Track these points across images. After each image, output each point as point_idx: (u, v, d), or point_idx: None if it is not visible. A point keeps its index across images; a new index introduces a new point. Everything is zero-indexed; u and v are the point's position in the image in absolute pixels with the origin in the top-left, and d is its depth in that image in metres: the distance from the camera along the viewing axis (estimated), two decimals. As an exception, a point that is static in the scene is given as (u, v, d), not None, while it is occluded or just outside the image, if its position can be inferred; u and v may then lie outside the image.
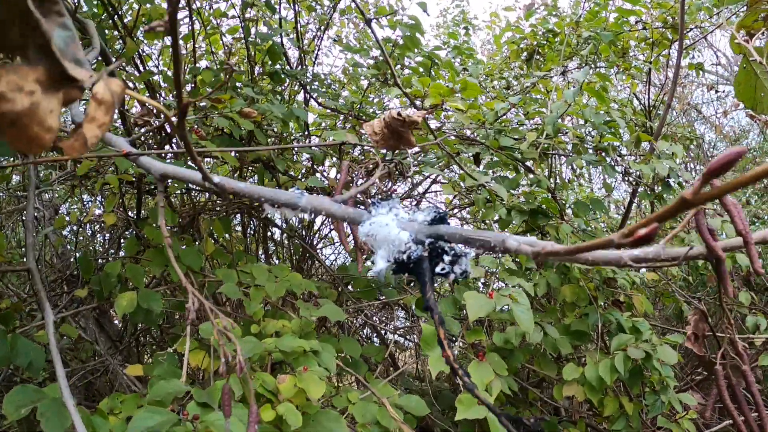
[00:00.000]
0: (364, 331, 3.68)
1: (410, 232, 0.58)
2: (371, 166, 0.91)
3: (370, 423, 1.52)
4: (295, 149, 2.46)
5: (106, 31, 2.49)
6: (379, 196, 0.93)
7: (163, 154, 1.72)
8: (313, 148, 2.19)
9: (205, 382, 1.74)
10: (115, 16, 2.52)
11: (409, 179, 3.25)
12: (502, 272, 1.74)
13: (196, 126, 1.79)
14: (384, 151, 1.05)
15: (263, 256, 3.24)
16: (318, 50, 3.42)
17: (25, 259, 2.46)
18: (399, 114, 0.94)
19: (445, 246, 0.57)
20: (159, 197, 0.78)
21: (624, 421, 1.96)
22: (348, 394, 1.66)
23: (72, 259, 3.12)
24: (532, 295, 2.66)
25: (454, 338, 1.77)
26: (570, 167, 3.59)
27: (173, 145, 2.30)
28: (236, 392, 1.26)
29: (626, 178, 2.63)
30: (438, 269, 0.57)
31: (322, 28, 3.32)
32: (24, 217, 2.32)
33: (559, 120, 2.61)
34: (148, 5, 2.56)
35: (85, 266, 2.11)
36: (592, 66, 3.19)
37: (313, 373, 1.35)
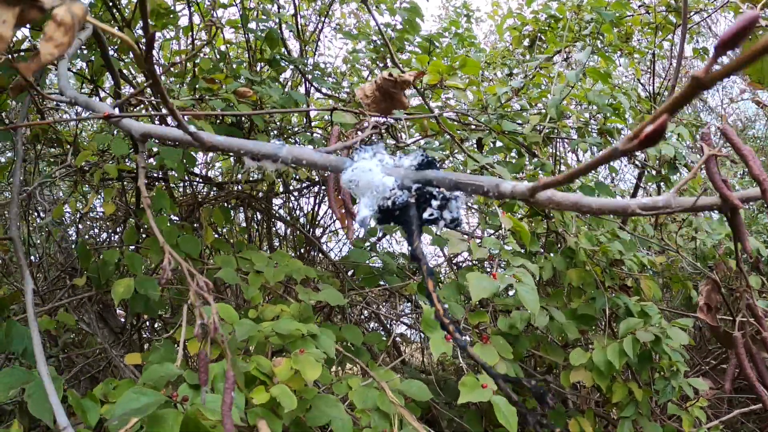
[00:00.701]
0: (370, 324, 3.64)
1: (396, 178, 0.53)
2: (362, 126, 0.87)
3: (371, 409, 1.47)
4: (299, 111, 2.41)
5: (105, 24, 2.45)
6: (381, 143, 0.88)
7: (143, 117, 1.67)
8: (314, 133, 2.14)
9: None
10: (114, 9, 2.48)
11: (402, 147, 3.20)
12: (505, 253, 1.68)
13: (193, 107, 1.74)
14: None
15: (268, 250, 3.20)
16: (318, 41, 3.38)
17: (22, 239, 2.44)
18: (390, 74, 0.89)
19: (434, 191, 0.52)
20: (139, 158, 0.74)
21: (633, 407, 1.90)
22: (348, 381, 1.61)
23: (75, 255, 3.08)
24: (537, 279, 2.61)
25: (457, 322, 1.72)
26: (574, 153, 3.52)
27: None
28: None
29: (631, 161, 2.57)
30: (426, 215, 0.52)
31: (323, 18, 3.28)
32: (10, 191, 2.30)
33: (563, 103, 2.55)
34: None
35: (84, 255, 2.07)
36: (595, 49, 3.13)
37: (309, 355, 1.30)
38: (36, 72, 0.43)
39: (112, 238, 3.14)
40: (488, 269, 2.80)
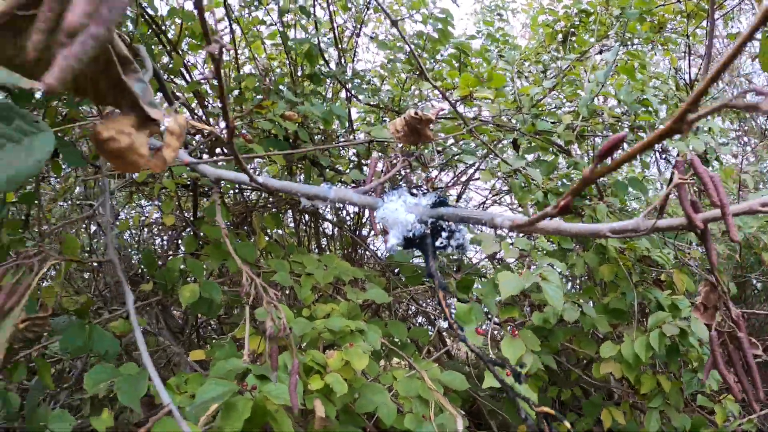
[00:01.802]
0: (417, 319, 3.85)
1: (416, 215, 0.73)
2: (394, 161, 1.06)
3: (413, 397, 1.68)
4: (339, 146, 2.63)
5: (153, 47, 2.71)
6: (404, 184, 1.08)
7: (216, 162, 1.92)
8: (353, 144, 2.35)
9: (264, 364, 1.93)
10: (160, 34, 2.74)
11: (452, 169, 3.39)
12: (534, 253, 1.86)
13: (243, 132, 1.97)
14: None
15: (316, 250, 3.44)
16: (356, 47, 3.59)
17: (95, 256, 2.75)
18: (416, 113, 1.09)
19: (444, 224, 0.72)
20: (214, 196, 0.96)
21: (661, 398, 2.04)
22: (393, 372, 1.82)
23: (134, 261, 3.39)
24: (572, 276, 2.75)
25: (491, 316, 1.91)
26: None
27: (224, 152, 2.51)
28: (289, 366, 1.44)
29: (664, 156, 2.69)
30: (438, 243, 0.72)
31: (358, 26, 3.48)
32: (98, 220, 2.61)
33: (596, 101, 2.69)
34: (190, 23, 2.78)
35: (149, 262, 2.33)
36: (626, 44, 3.24)
37: (357, 348, 1.52)
38: (163, 169, 0.64)
39: (164, 241, 3.44)
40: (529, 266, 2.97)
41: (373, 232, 3.68)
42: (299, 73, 3.01)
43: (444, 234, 0.71)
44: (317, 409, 1.31)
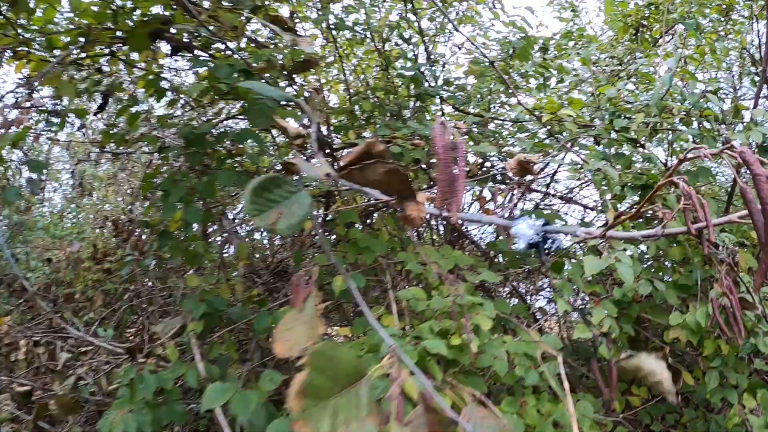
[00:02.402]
0: (512, 300, 4.49)
1: (534, 231, 1.41)
2: (509, 191, 1.74)
3: (519, 354, 2.36)
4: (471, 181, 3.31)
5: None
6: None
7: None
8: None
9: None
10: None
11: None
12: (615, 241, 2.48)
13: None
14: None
15: (416, 237, 4.13)
16: (444, 54, 4.25)
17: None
18: (525, 158, 1.77)
19: (549, 236, 1.40)
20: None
21: (720, 360, 2.62)
22: (504, 338, 2.51)
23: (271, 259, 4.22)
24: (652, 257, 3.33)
25: (579, 291, 2.57)
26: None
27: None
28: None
29: (727, 147, 3.21)
30: (546, 246, 1.40)
31: (444, 32, 4.14)
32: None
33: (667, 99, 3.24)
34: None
35: (298, 260, 3.11)
36: (699, 30, 3.75)
37: (482, 315, 2.21)
38: (422, 224, 1.34)
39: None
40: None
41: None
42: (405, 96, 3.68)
43: (549, 241, 1.39)
44: (473, 347, 2.04)
